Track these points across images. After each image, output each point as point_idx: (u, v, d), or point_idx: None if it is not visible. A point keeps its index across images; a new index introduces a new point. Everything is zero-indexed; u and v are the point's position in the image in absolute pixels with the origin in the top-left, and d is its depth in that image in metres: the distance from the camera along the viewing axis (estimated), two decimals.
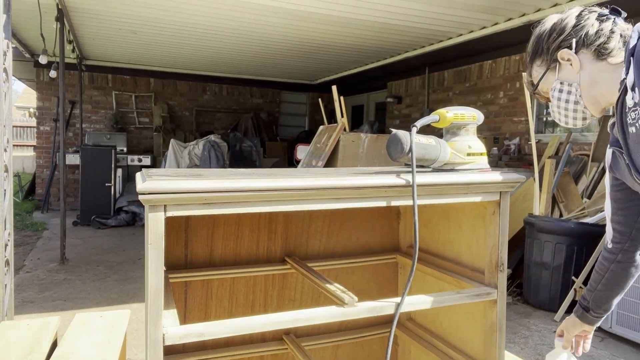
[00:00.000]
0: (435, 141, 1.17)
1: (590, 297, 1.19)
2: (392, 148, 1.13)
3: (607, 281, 1.15)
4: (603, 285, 1.16)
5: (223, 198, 0.90)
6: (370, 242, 1.65)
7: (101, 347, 1.53)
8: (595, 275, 1.19)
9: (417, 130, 1.11)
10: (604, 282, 1.16)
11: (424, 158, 1.14)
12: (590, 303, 1.19)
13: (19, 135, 15.89)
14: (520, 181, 1.17)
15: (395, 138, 1.12)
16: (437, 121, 1.20)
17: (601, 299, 1.17)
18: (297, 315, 1.01)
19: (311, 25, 5.05)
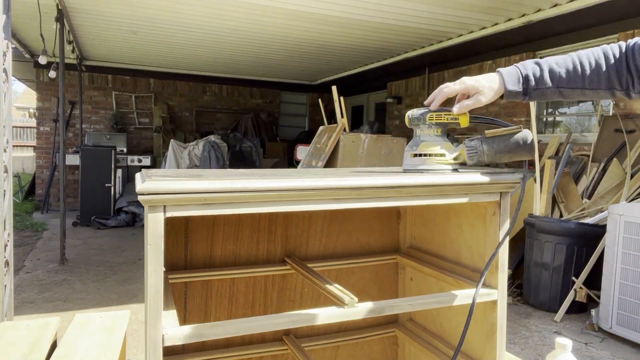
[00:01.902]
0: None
1: (545, 86, 1.05)
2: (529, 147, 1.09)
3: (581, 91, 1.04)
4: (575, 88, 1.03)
5: (223, 199, 0.90)
6: (370, 243, 1.64)
7: (101, 347, 1.53)
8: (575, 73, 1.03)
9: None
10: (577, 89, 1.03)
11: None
12: (536, 92, 1.06)
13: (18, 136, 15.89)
14: (520, 181, 1.16)
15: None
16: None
17: (549, 94, 1.06)
18: (297, 316, 1.01)
19: (311, 25, 5.04)
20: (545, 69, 1.05)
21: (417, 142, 1.15)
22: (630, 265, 3.13)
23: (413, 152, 1.16)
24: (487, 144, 1.10)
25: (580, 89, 1.03)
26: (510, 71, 1.08)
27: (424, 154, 1.14)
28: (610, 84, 1.01)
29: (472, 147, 1.12)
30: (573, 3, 3.91)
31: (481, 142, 1.11)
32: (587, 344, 3.15)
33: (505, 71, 1.08)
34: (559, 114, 5.67)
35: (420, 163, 1.14)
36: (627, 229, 3.15)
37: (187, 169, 6.88)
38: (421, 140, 1.15)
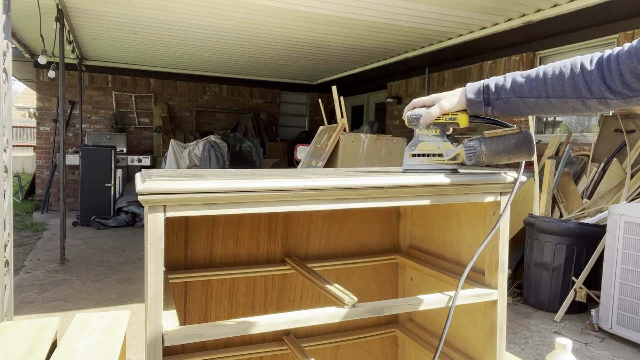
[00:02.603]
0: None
1: (507, 96, 1.03)
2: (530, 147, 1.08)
3: (547, 102, 1.00)
4: (541, 99, 1.00)
5: (223, 199, 0.90)
6: (370, 243, 1.64)
7: (101, 347, 1.53)
8: (540, 85, 1.00)
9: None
10: (542, 98, 1.00)
11: None
12: (499, 102, 1.04)
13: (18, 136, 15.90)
14: (521, 182, 1.17)
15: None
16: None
17: (515, 107, 1.03)
18: (297, 316, 1.01)
19: (311, 25, 5.05)
20: (509, 78, 1.05)
21: (416, 142, 1.16)
22: (630, 265, 3.13)
23: (412, 153, 1.16)
24: (486, 144, 1.10)
25: (545, 98, 1.00)
26: (474, 83, 1.09)
27: (423, 154, 1.14)
28: (578, 93, 0.97)
29: (471, 148, 1.11)
30: (573, 3, 3.91)
31: (480, 142, 1.11)
32: (587, 344, 3.15)
33: (470, 83, 1.10)
34: None
35: (419, 163, 1.14)
36: (627, 229, 3.15)
37: (187, 169, 6.89)
38: (420, 140, 1.15)
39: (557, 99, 0.99)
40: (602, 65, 0.94)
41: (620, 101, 0.95)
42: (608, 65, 0.93)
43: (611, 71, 0.92)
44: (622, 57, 0.91)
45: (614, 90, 0.93)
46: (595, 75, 0.94)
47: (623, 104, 0.96)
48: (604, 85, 0.93)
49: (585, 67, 0.96)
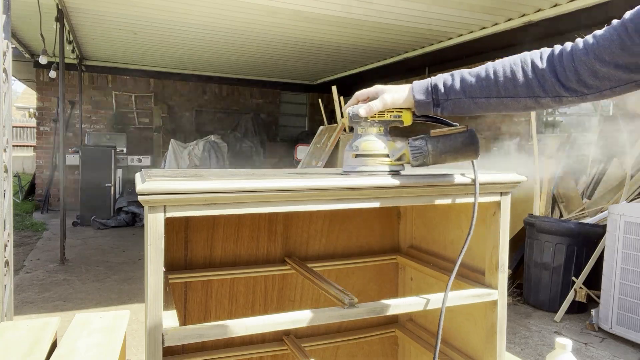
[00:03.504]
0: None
1: (456, 97, 0.99)
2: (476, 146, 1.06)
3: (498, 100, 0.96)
4: (491, 99, 0.96)
5: (223, 199, 0.90)
6: (370, 243, 1.64)
7: (101, 347, 1.53)
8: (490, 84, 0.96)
9: None
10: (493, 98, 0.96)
11: None
12: (448, 103, 1.00)
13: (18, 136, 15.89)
14: (520, 181, 1.16)
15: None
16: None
17: (465, 107, 0.99)
18: (297, 317, 1.01)
19: (311, 25, 5.05)
20: (457, 78, 0.99)
21: (359, 141, 1.07)
22: (630, 265, 3.13)
23: (354, 153, 1.06)
24: (432, 143, 1.05)
25: (497, 97, 0.96)
26: (421, 82, 1.03)
27: (366, 154, 1.05)
28: (531, 92, 0.93)
29: (417, 147, 1.05)
30: (573, 3, 3.91)
31: (426, 141, 1.05)
32: (587, 344, 3.15)
33: (416, 82, 1.04)
34: (559, 114, 5.67)
35: (362, 164, 1.05)
36: (627, 229, 3.15)
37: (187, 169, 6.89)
38: (363, 139, 1.07)
39: (510, 99, 0.96)
40: (554, 62, 0.91)
41: (575, 99, 0.92)
42: (561, 62, 0.90)
43: (565, 68, 0.89)
44: (578, 54, 0.88)
45: (569, 88, 0.90)
46: (548, 73, 0.91)
47: (578, 101, 0.93)
48: (558, 84, 0.91)
49: (537, 65, 0.93)
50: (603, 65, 0.86)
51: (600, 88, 0.89)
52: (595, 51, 0.86)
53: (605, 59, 0.85)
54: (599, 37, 0.87)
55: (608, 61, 0.85)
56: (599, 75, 0.87)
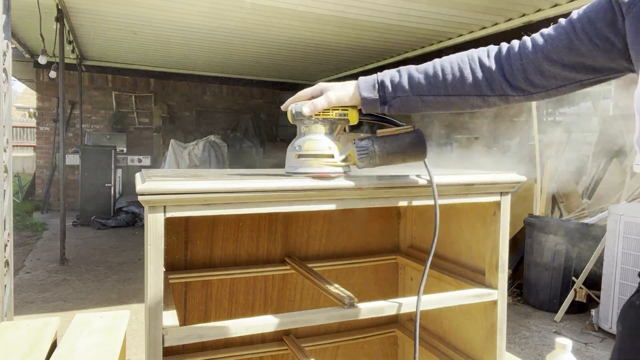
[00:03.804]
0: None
1: (404, 95, 0.96)
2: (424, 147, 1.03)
3: (446, 99, 0.95)
4: (440, 97, 0.94)
5: (223, 199, 0.90)
6: (370, 243, 1.64)
7: (101, 347, 1.53)
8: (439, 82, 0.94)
9: None
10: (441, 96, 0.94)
11: None
12: (396, 100, 0.96)
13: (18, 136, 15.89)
14: (521, 182, 1.17)
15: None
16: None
17: (412, 105, 0.97)
18: (297, 317, 1.01)
19: (310, 25, 5.05)
20: (404, 74, 0.96)
21: (303, 141, 1.00)
22: (630, 265, 3.13)
23: (297, 153, 1.00)
24: (379, 144, 1.00)
25: (445, 96, 0.94)
26: (367, 78, 0.99)
27: (310, 154, 0.99)
28: (478, 90, 0.92)
29: (363, 148, 1.00)
30: (573, 3, 3.91)
31: (372, 142, 1.01)
32: (587, 344, 3.15)
33: (362, 78, 1.00)
34: (559, 114, 5.67)
35: (306, 165, 0.99)
36: (627, 229, 3.15)
37: (187, 169, 6.89)
38: (307, 139, 1.00)
39: (457, 97, 0.94)
40: (501, 60, 0.91)
41: (521, 97, 0.92)
42: (509, 60, 0.90)
43: (512, 67, 0.89)
44: (526, 53, 0.87)
45: (516, 86, 0.90)
46: (496, 72, 0.90)
47: (524, 100, 0.93)
48: (505, 82, 0.90)
49: (484, 63, 0.92)
50: (550, 65, 0.85)
51: (546, 87, 0.89)
52: (543, 50, 0.86)
53: (553, 58, 0.85)
54: (547, 36, 0.87)
55: (556, 60, 0.85)
56: (546, 75, 0.87)
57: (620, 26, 0.78)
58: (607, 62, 0.82)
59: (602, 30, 0.80)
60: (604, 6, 0.80)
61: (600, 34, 0.80)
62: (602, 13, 0.80)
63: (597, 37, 0.80)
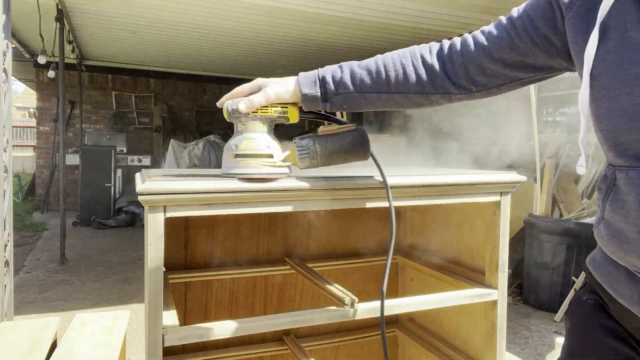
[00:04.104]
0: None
1: (347, 91, 0.92)
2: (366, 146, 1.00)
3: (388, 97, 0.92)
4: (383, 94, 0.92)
5: (223, 199, 0.90)
6: (370, 243, 1.64)
7: (101, 347, 1.53)
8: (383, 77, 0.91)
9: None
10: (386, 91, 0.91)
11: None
12: (337, 98, 0.93)
13: (18, 136, 15.89)
14: (521, 181, 1.17)
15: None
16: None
17: (356, 102, 0.93)
18: (297, 316, 1.01)
19: (310, 25, 5.05)
20: (347, 71, 0.93)
21: (240, 139, 0.94)
22: None
23: (234, 152, 0.93)
24: (320, 143, 0.96)
25: (387, 93, 0.92)
26: (308, 74, 0.96)
27: (247, 154, 0.93)
28: (421, 88, 0.91)
29: (304, 147, 0.96)
30: None
31: (313, 141, 0.97)
32: None
33: (303, 73, 0.96)
34: (559, 114, 5.67)
35: (243, 165, 0.93)
36: None
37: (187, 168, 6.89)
38: (244, 137, 0.94)
39: (400, 95, 0.92)
40: (443, 58, 0.90)
41: (463, 96, 0.91)
42: (450, 58, 0.89)
43: (454, 65, 0.88)
44: (468, 51, 0.87)
45: (458, 85, 0.89)
46: (438, 70, 0.89)
47: (466, 98, 0.92)
48: (447, 80, 0.89)
49: (426, 60, 0.91)
50: (492, 63, 0.85)
51: (488, 85, 0.89)
52: (485, 48, 0.85)
53: (494, 57, 0.85)
54: (489, 34, 0.86)
55: (497, 59, 0.85)
56: (487, 73, 0.87)
57: (559, 25, 0.78)
58: (547, 60, 0.82)
59: (542, 29, 0.79)
60: (543, 5, 0.79)
61: (539, 33, 0.80)
62: (541, 12, 0.80)
63: (537, 36, 0.80)
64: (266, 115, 0.94)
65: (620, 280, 0.71)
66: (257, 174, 0.92)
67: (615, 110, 0.66)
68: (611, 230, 0.70)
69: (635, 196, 0.65)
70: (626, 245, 0.67)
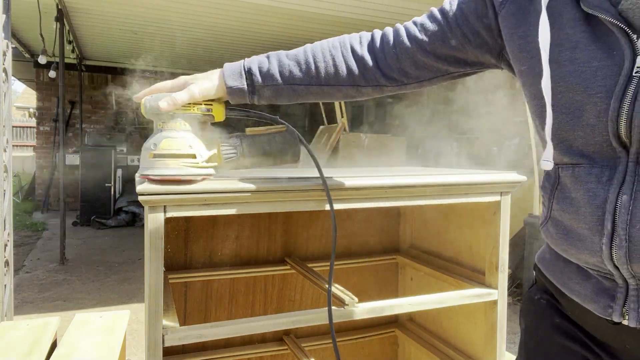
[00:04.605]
0: None
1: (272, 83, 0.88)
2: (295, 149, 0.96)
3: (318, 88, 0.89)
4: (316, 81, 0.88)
5: (223, 199, 0.90)
6: (370, 243, 1.64)
7: (101, 347, 1.53)
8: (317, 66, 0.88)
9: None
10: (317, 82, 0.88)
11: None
12: (265, 90, 0.89)
13: (19, 136, 15.89)
14: (521, 181, 1.17)
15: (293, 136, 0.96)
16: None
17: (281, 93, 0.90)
18: (297, 316, 1.01)
19: (311, 25, 5.05)
20: (274, 62, 0.88)
21: (159, 138, 0.87)
22: None
23: (152, 152, 0.87)
24: (248, 143, 0.92)
25: (317, 85, 0.88)
26: (233, 65, 0.89)
27: (167, 154, 0.86)
28: (352, 80, 0.88)
29: (230, 147, 0.91)
30: None
31: (241, 140, 0.92)
32: None
33: (228, 64, 0.90)
34: None
35: (161, 166, 0.86)
36: None
37: None
38: (164, 136, 0.87)
39: (330, 87, 0.89)
40: (374, 49, 0.88)
41: (395, 88, 0.90)
42: (382, 50, 0.87)
43: (386, 57, 0.86)
44: (400, 42, 0.85)
45: (390, 77, 0.87)
46: (369, 61, 0.87)
47: (397, 90, 0.91)
48: (379, 72, 0.87)
49: (357, 52, 0.88)
50: (424, 56, 0.84)
51: (419, 78, 0.88)
52: (417, 40, 0.85)
53: (426, 49, 0.84)
54: (421, 26, 0.85)
55: (429, 52, 0.84)
56: (419, 65, 0.86)
57: (492, 23, 0.77)
58: (477, 56, 0.83)
59: (474, 25, 0.79)
60: (476, 1, 0.79)
61: (472, 29, 0.80)
62: (473, 7, 0.79)
63: (469, 31, 0.80)
64: (188, 112, 0.88)
65: (572, 277, 0.71)
66: (176, 176, 0.86)
67: (559, 107, 0.66)
68: (561, 228, 0.70)
69: (584, 193, 0.64)
70: (578, 242, 0.66)
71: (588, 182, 0.64)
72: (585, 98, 0.62)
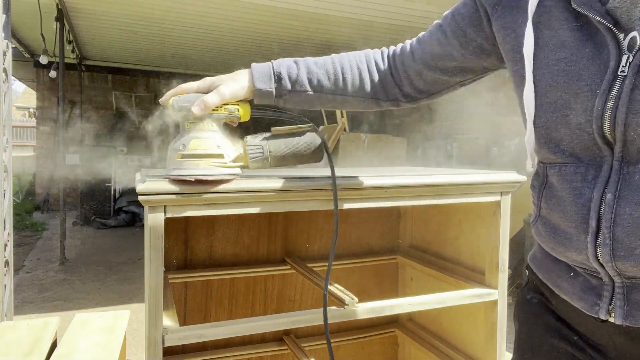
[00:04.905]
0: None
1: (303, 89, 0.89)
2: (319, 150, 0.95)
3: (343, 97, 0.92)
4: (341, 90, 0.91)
5: (223, 199, 0.90)
6: (371, 243, 1.64)
7: (101, 347, 1.53)
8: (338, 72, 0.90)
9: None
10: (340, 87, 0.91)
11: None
12: (292, 95, 0.90)
13: (19, 136, 15.89)
14: (521, 181, 1.17)
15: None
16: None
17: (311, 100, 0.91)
18: (297, 316, 1.01)
19: (311, 25, 5.05)
20: (303, 69, 0.89)
21: (187, 139, 0.87)
22: None
23: (181, 152, 0.86)
24: (273, 143, 0.92)
25: (342, 95, 0.91)
26: (262, 67, 0.90)
27: (196, 154, 0.86)
28: (375, 94, 0.92)
29: (256, 147, 0.91)
30: None
31: (267, 140, 0.92)
32: None
33: (256, 66, 0.91)
34: None
35: (191, 166, 0.86)
36: None
37: None
38: (192, 136, 0.87)
39: (354, 98, 0.92)
40: (391, 66, 0.92)
41: (409, 103, 0.94)
42: (395, 67, 0.92)
43: (399, 73, 0.91)
44: (407, 60, 0.89)
45: (405, 92, 0.92)
46: (390, 77, 0.92)
47: (411, 105, 0.95)
48: (396, 88, 0.92)
49: (380, 67, 0.92)
50: (430, 71, 0.87)
51: (430, 91, 0.91)
52: (421, 58, 0.87)
53: (431, 65, 0.87)
54: (424, 42, 0.88)
55: (433, 67, 0.87)
56: (428, 80, 0.89)
57: (486, 29, 0.79)
58: (479, 62, 0.84)
59: (470, 34, 0.81)
60: (469, 9, 0.81)
61: (468, 38, 0.81)
62: (468, 16, 0.81)
63: (466, 41, 0.82)
64: (215, 113, 0.88)
65: (561, 275, 0.72)
66: (207, 176, 0.86)
67: (546, 106, 0.66)
68: (549, 227, 0.70)
69: (570, 192, 0.65)
70: (565, 241, 0.67)
71: (574, 181, 0.65)
72: (572, 97, 0.63)
